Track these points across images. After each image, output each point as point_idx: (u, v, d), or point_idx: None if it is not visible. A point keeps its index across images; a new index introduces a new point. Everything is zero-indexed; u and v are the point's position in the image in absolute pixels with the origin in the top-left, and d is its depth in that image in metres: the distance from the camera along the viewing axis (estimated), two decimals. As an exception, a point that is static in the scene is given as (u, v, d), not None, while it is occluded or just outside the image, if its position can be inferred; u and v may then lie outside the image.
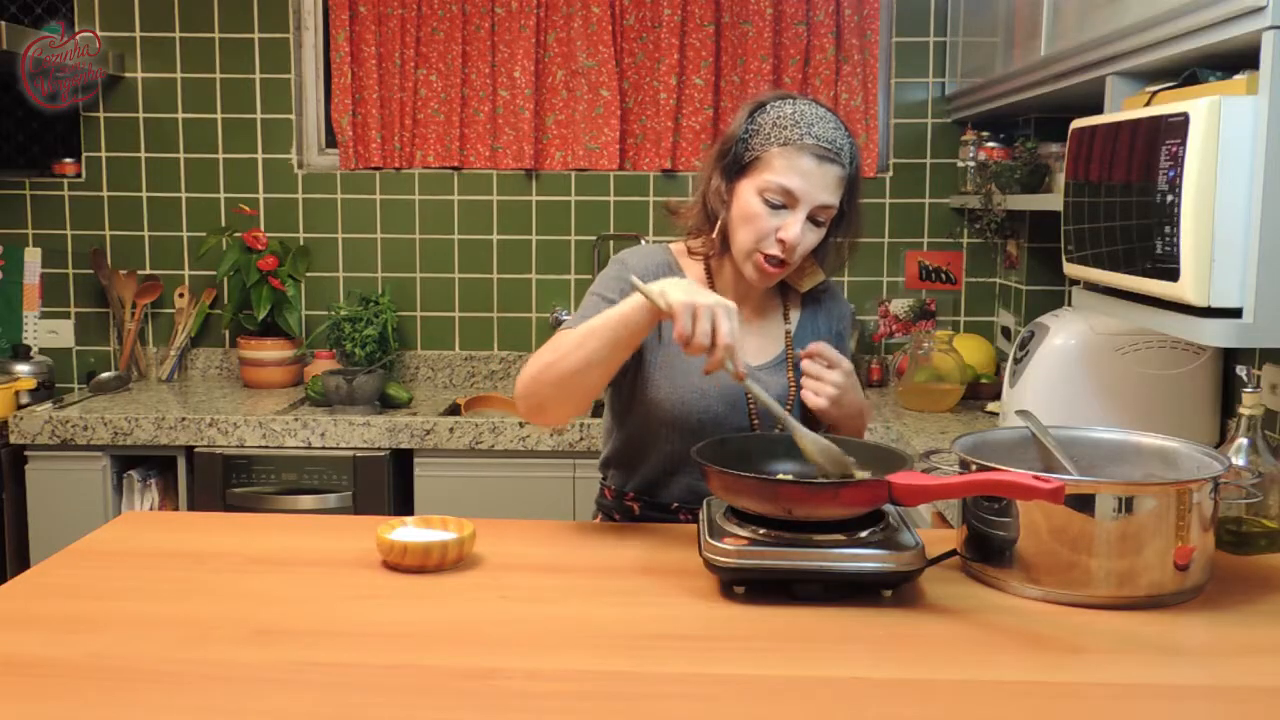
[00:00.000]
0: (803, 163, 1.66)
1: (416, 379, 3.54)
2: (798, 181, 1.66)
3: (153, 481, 3.01)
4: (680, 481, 1.78)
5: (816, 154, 1.66)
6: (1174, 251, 1.55)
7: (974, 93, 3.07)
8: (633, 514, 1.82)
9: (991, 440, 1.61)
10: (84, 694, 1.15)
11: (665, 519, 1.79)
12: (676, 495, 1.79)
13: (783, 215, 1.68)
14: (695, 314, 1.45)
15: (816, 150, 1.66)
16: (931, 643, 1.29)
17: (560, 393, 1.62)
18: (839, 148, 1.68)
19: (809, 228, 1.69)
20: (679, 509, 1.79)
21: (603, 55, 3.35)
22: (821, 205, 1.68)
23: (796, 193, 1.66)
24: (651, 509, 1.81)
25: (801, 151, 1.66)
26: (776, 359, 1.81)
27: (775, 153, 1.67)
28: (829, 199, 1.68)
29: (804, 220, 1.67)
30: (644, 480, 1.81)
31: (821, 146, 1.66)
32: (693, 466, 1.73)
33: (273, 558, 1.57)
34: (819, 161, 1.66)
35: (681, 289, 1.49)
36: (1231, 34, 1.58)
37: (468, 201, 3.48)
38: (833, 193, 1.68)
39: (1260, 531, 1.60)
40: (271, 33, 3.45)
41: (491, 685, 1.17)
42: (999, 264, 3.41)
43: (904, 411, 3.04)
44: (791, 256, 1.69)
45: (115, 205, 3.51)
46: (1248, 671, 1.23)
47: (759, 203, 1.68)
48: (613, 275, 1.78)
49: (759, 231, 1.68)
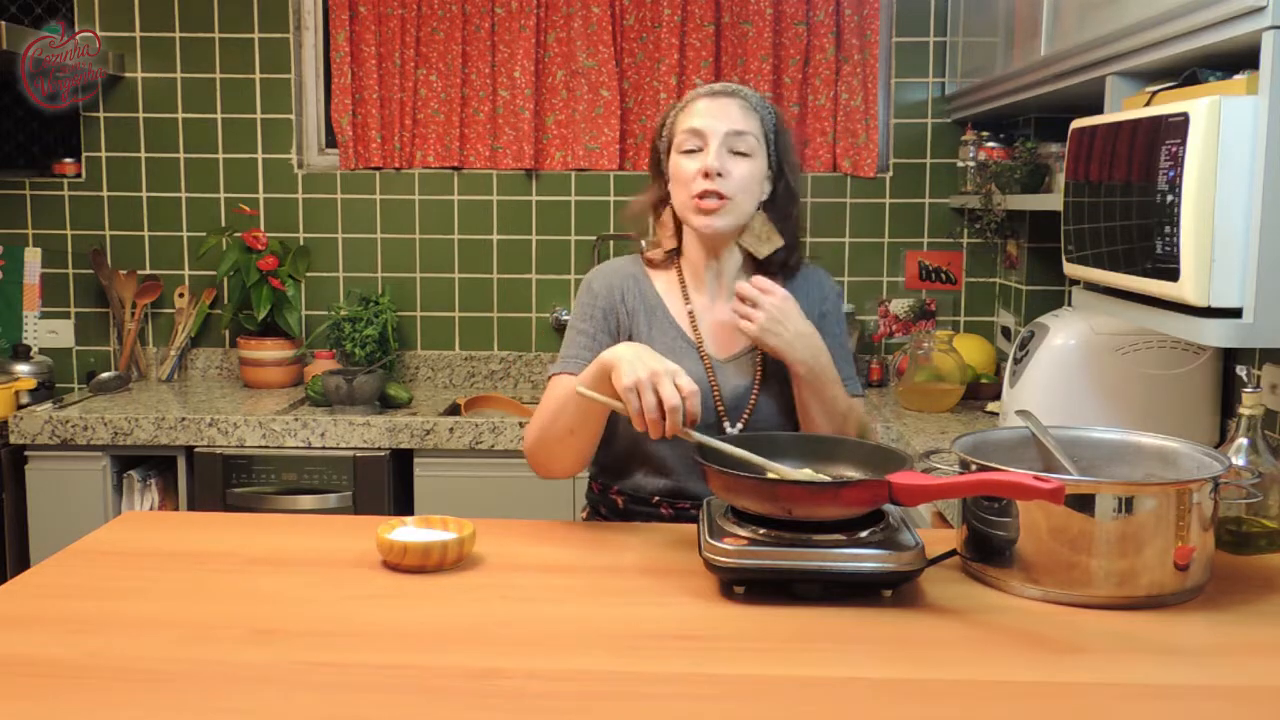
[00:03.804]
0: (699, 105, 1.79)
1: (416, 379, 3.54)
2: (699, 120, 1.77)
3: (153, 481, 3.01)
4: (656, 476, 1.82)
5: (708, 95, 1.80)
6: (1174, 251, 1.55)
7: (974, 93, 3.07)
8: (617, 508, 1.85)
9: (991, 440, 1.61)
10: (84, 694, 1.15)
11: (648, 512, 1.82)
12: (654, 489, 1.82)
13: (702, 156, 1.76)
14: (639, 392, 1.51)
15: (708, 93, 1.80)
16: (931, 643, 1.28)
17: (556, 454, 1.75)
18: (733, 88, 1.81)
19: (732, 159, 1.76)
20: (660, 502, 1.82)
21: (603, 55, 3.35)
22: (732, 132, 1.76)
23: (702, 129, 1.76)
24: (634, 502, 1.84)
25: (697, 99, 1.81)
26: (746, 348, 1.83)
27: (680, 116, 1.81)
28: (736, 126, 1.76)
29: (721, 150, 1.75)
30: (624, 475, 1.85)
31: (713, 90, 1.81)
32: (667, 461, 1.79)
33: (273, 558, 1.57)
34: (713, 98, 1.79)
35: (627, 364, 1.53)
36: (1231, 34, 1.58)
37: (468, 201, 3.48)
38: (738, 121, 1.77)
39: (1260, 531, 1.60)
40: (271, 33, 3.45)
41: (491, 685, 1.17)
42: (999, 264, 3.41)
43: (904, 411, 3.04)
44: (724, 185, 1.74)
45: (115, 205, 3.51)
46: (1248, 671, 1.23)
47: (679, 158, 1.79)
48: (584, 303, 1.86)
49: (686, 178, 1.77)
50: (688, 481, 1.79)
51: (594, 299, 1.85)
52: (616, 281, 1.86)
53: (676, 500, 1.80)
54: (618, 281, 1.86)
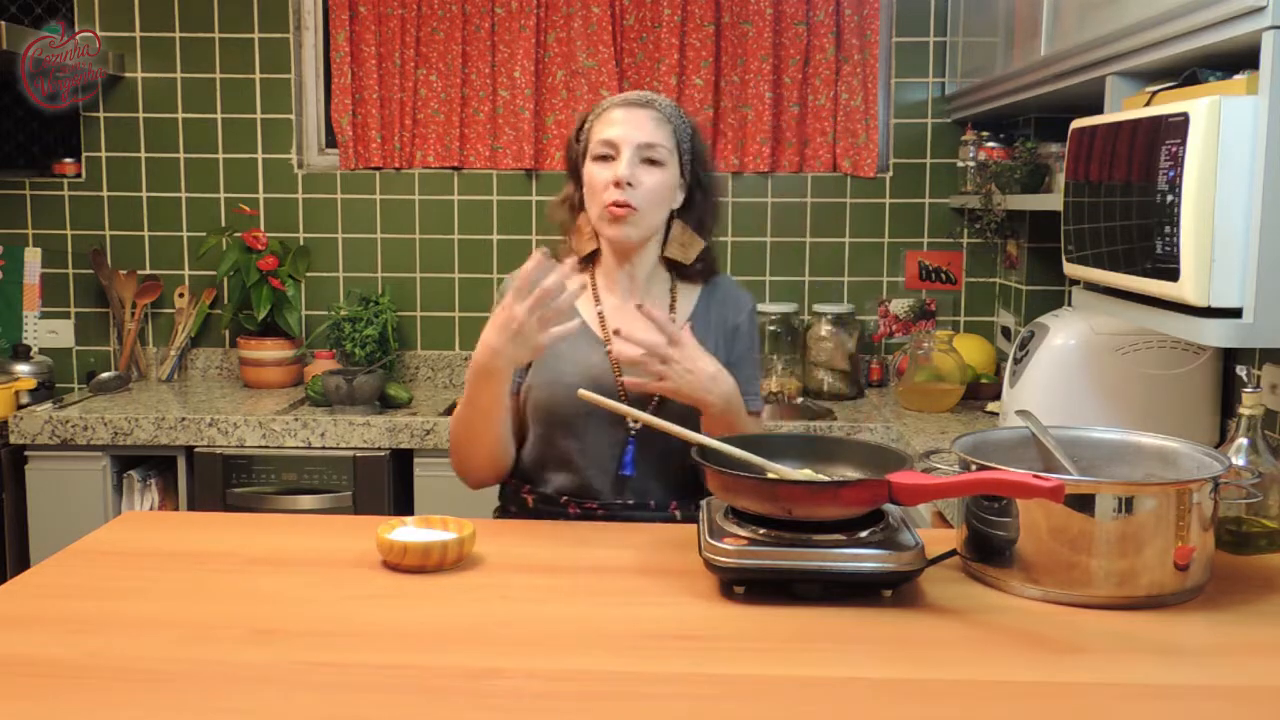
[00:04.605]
0: (613, 115, 1.84)
1: (416, 379, 3.54)
2: (613, 130, 1.82)
3: (153, 481, 3.01)
4: (559, 473, 1.86)
5: (623, 105, 1.85)
6: (1174, 251, 1.55)
7: (974, 93, 3.07)
8: (527, 506, 1.88)
9: (991, 440, 1.61)
10: (84, 694, 1.15)
11: (555, 511, 1.85)
12: (559, 486, 1.86)
13: (614, 165, 1.81)
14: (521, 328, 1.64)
15: (623, 103, 1.85)
16: (931, 643, 1.28)
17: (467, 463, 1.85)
18: (648, 99, 1.86)
19: (644, 168, 1.81)
20: (567, 502, 1.85)
21: (603, 55, 3.35)
22: (644, 143, 1.81)
23: (614, 139, 1.81)
24: (543, 501, 1.87)
25: (611, 109, 1.86)
26: None
27: (595, 124, 1.86)
28: (647, 137, 1.81)
29: (633, 160, 1.80)
30: (534, 474, 1.89)
31: (628, 100, 1.86)
32: (575, 461, 1.84)
33: (273, 558, 1.57)
34: (627, 109, 1.84)
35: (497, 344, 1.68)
36: (1231, 34, 1.58)
37: (468, 201, 3.48)
38: (650, 132, 1.82)
39: (1260, 531, 1.60)
40: (271, 33, 3.45)
41: (491, 685, 1.17)
42: (999, 264, 3.41)
43: (904, 411, 3.04)
44: (633, 196, 1.79)
45: (115, 205, 3.51)
46: (1248, 671, 1.23)
47: (593, 166, 1.83)
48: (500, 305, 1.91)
49: (598, 186, 1.82)
50: (595, 481, 1.83)
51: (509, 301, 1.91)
52: None
53: (584, 500, 1.84)
54: None
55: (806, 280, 3.48)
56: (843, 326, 3.35)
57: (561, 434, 1.83)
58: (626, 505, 1.84)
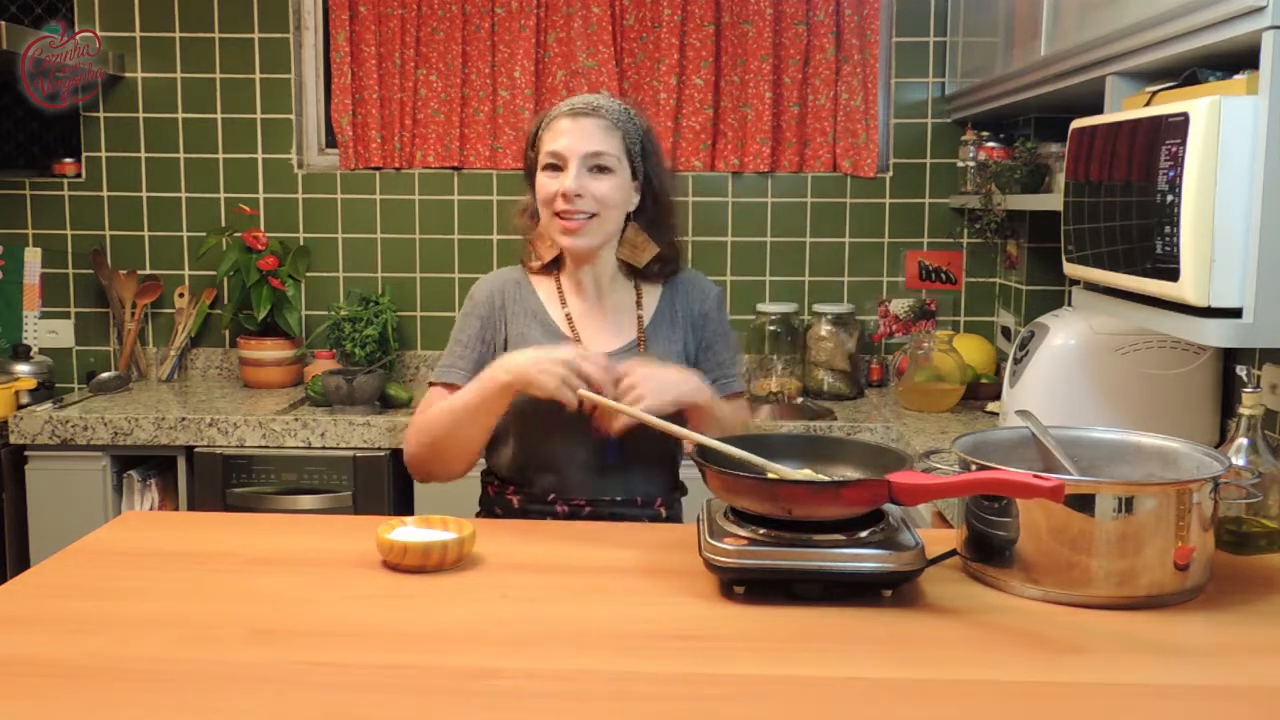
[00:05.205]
0: (560, 125, 1.84)
1: (416, 379, 3.54)
2: (559, 142, 1.83)
3: (153, 481, 3.01)
4: (543, 474, 1.87)
5: (570, 114, 1.85)
6: (1174, 251, 1.55)
7: (974, 93, 3.07)
8: (513, 508, 1.90)
9: (991, 440, 1.61)
10: (84, 694, 1.15)
11: (543, 510, 1.87)
12: (547, 486, 1.87)
13: (562, 176, 1.82)
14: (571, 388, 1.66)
15: (569, 112, 1.85)
16: (931, 643, 1.29)
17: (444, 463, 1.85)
18: (595, 105, 1.86)
19: (592, 176, 1.82)
20: (555, 500, 1.86)
21: (603, 55, 3.35)
22: (590, 153, 1.82)
23: (562, 150, 1.82)
24: (531, 501, 1.88)
25: (558, 118, 1.85)
26: (628, 344, 1.91)
27: (544, 134, 1.87)
28: (595, 146, 1.82)
29: (580, 171, 1.81)
30: (519, 476, 1.90)
31: (574, 108, 1.85)
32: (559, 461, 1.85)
33: (273, 558, 1.57)
34: (574, 118, 1.84)
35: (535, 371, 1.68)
36: (1231, 34, 1.58)
37: (468, 201, 3.48)
38: (597, 141, 1.83)
39: (1260, 531, 1.60)
40: (271, 33, 3.45)
41: (491, 685, 1.17)
42: (999, 264, 3.41)
43: (904, 411, 3.04)
44: (582, 205, 1.81)
45: (115, 205, 3.51)
46: (1248, 671, 1.23)
47: (543, 177, 1.85)
48: (465, 312, 1.96)
49: (548, 197, 1.84)
50: (580, 479, 1.86)
51: (474, 308, 1.94)
52: (498, 287, 1.95)
53: (570, 498, 1.86)
54: (499, 287, 1.95)
55: (806, 280, 3.48)
56: (843, 326, 3.35)
57: (542, 435, 1.85)
58: (613, 502, 1.86)
